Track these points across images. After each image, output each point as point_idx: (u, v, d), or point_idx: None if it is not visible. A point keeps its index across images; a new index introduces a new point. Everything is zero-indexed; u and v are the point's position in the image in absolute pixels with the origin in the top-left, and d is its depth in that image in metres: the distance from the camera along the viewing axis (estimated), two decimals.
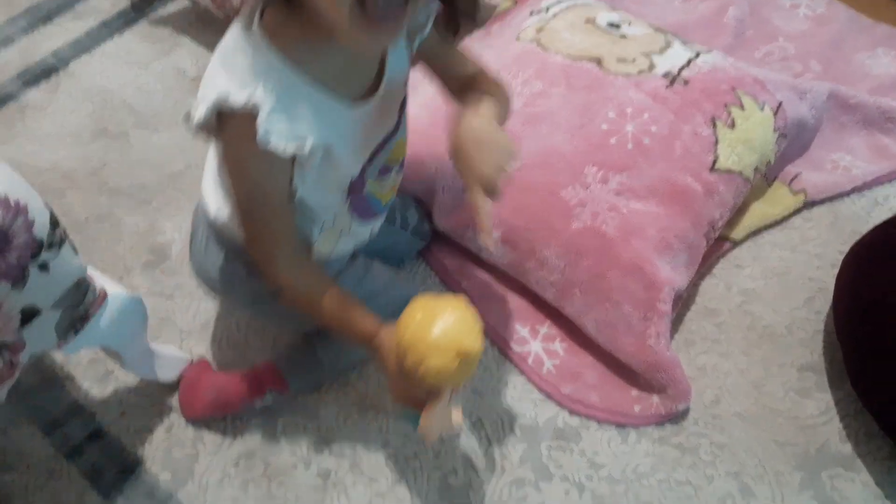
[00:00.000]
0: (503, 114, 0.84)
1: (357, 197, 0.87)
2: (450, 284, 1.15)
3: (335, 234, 0.90)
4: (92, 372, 1.07)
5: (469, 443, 1.00)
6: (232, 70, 0.70)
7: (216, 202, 0.88)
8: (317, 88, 0.72)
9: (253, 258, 0.82)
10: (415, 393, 0.79)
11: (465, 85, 0.87)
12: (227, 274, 0.92)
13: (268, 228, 0.79)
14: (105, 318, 0.86)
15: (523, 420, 1.02)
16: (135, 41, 1.52)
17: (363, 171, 0.84)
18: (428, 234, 1.16)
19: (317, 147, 0.73)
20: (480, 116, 0.79)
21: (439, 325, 0.73)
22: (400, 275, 1.05)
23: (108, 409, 1.04)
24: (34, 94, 1.44)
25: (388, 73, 0.79)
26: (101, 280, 0.87)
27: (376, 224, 0.97)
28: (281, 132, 0.70)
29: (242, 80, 0.69)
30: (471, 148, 0.77)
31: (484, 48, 1.29)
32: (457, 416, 0.85)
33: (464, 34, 1.25)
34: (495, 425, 1.02)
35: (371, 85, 0.79)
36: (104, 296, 0.86)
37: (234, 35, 0.72)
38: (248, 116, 0.68)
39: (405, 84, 0.85)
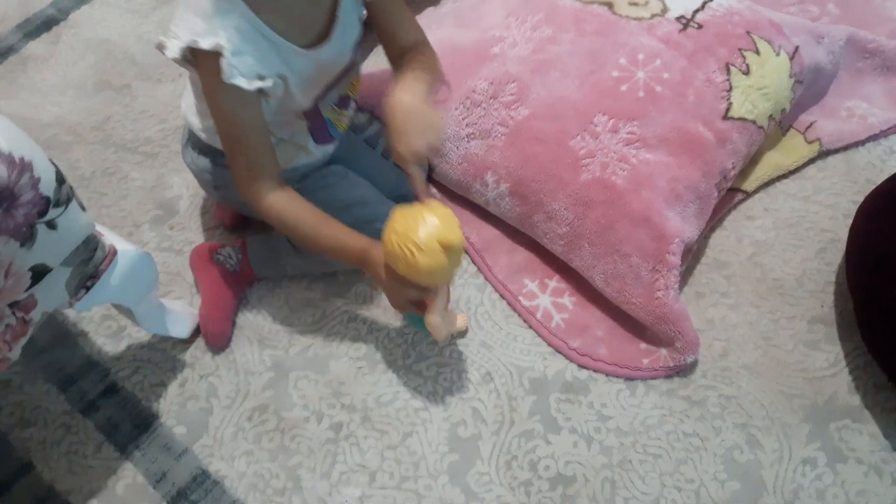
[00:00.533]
0: (433, 81, 0.91)
1: (315, 120, 0.97)
2: None
3: (293, 148, 0.98)
4: (105, 328, 1.08)
5: (478, 395, 1.01)
6: (201, 12, 0.79)
7: (187, 103, 0.99)
8: (275, 33, 0.83)
9: (240, 194, 0.89)
10: (412, 296, 0.88)
11: (404, 50, 0.94)
12: (198, 166, 1.03)
13: (248, 158, 0.86)
14: (115, 275, 0.87)
15: (532, 373, 1.03)
16: None
17: (316, 102, 0.94)
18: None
19: (277, 84, 0.84)
20: (409, 92, 0.86)
21: (421, 229, 0.81)
22: (382, 197, 1.06)
23: (122, 365, 1.05)
24: (35, 46, 1.42)
25: (339, 21, 0.88)
26: (110, 237, 0.87)
27: (330, 148, 1.04)
28: (244, 71, 0.80)
29: (210, 23, 0.79)
30: (399, 124, 0.85)
31: None
32: (461, 319, 1.03)
33: None
34: (504, 378, 1.02)
35: (324, 33, 0.88)
36: (113, 253, 0.86)
37: None
38: (215, 55, 0.79)
39: (359, 29, 0.93)
